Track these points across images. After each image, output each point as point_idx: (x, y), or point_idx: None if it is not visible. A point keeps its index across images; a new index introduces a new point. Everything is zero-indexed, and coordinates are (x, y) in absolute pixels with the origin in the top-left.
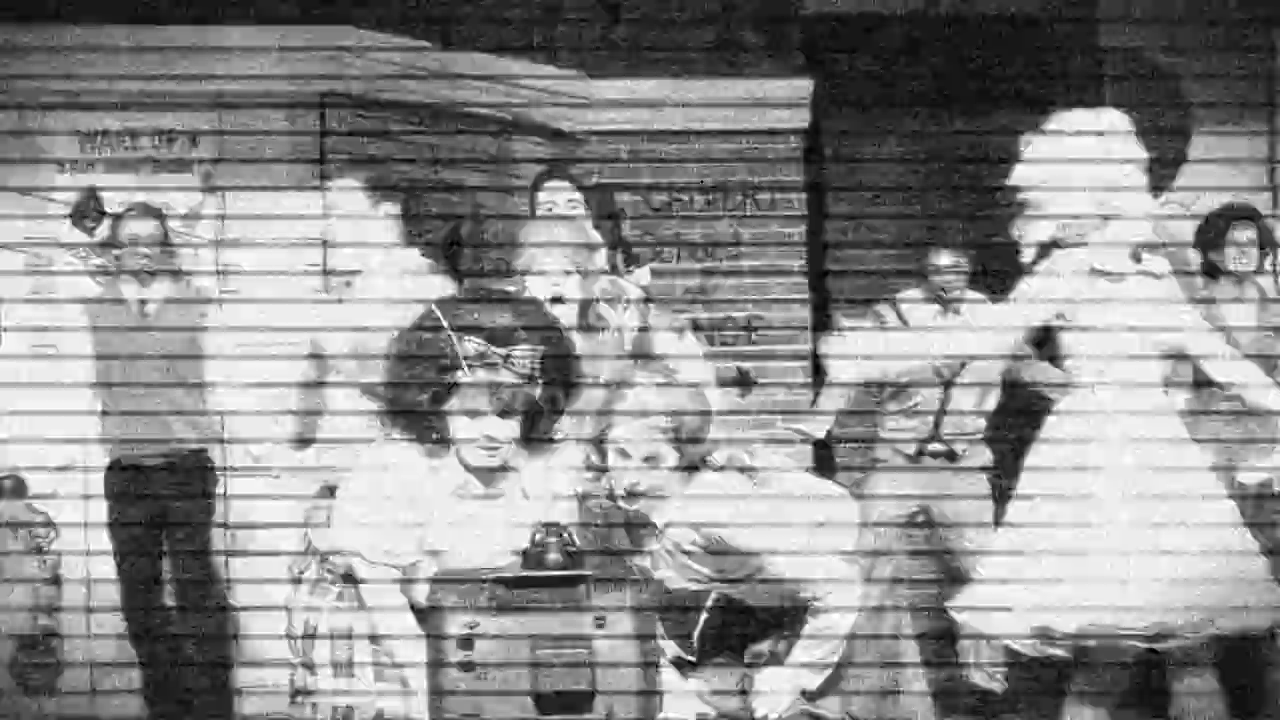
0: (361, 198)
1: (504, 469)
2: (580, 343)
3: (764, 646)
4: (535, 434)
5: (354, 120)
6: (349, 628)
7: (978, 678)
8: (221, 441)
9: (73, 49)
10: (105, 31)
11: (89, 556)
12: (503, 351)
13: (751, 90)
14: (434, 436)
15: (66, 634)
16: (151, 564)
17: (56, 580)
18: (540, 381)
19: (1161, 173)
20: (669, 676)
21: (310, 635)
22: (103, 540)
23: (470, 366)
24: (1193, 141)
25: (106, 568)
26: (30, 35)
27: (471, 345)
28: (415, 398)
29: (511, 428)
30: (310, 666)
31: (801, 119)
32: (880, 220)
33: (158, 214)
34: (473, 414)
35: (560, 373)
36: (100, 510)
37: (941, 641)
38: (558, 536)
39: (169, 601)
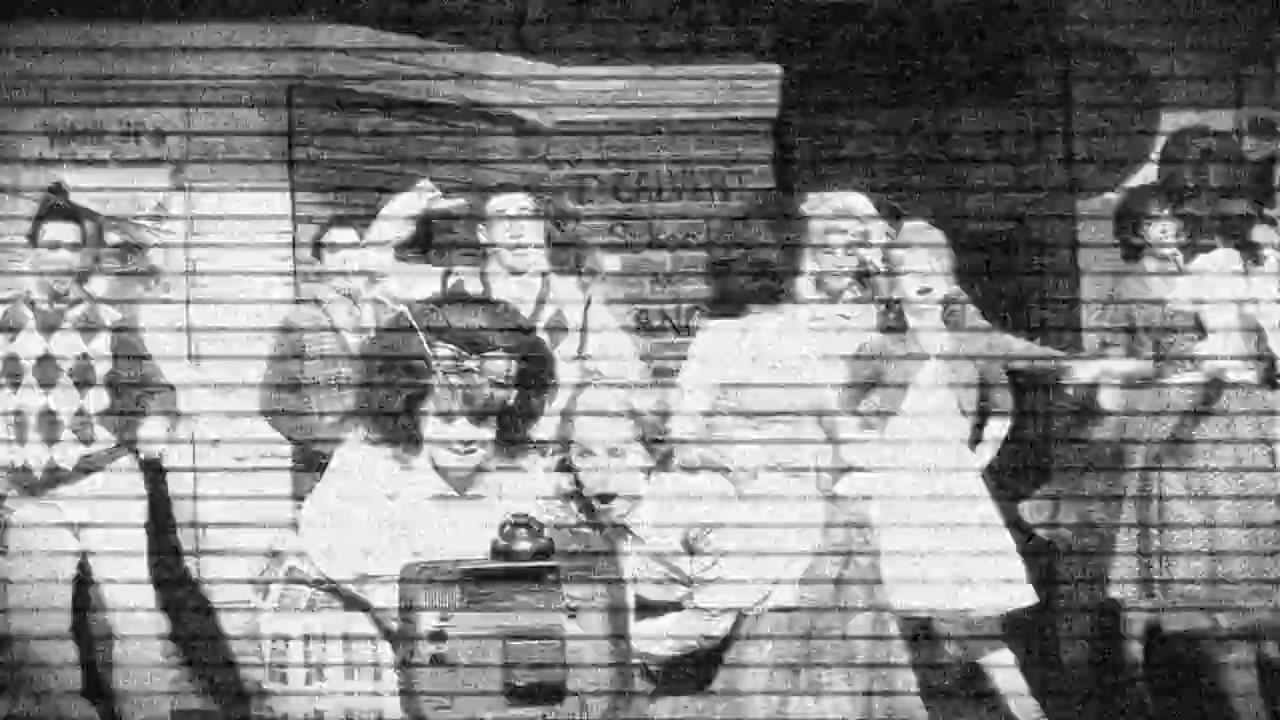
0: None
1: (479, 473)
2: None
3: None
4: (509, 437)
5: (321, 116)
6: (322, 630)
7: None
8: (191, 442)
9: (39, 46)
10: (72, 27)
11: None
12: (477, 357)
13: (720, 78)
14: (406, 439)
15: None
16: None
17: None
18: (514, 386)
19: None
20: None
21: (282, 638)
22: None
23: (444, 370)
24: (1162, 122)
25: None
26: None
27: (445, 350)
28: (388, 400)
29: (485, 432)
30: (282, 669)
31: (770, 108)
32: None
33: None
34: (446, 417)
35: (534, 377)
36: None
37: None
38: (526, 528)
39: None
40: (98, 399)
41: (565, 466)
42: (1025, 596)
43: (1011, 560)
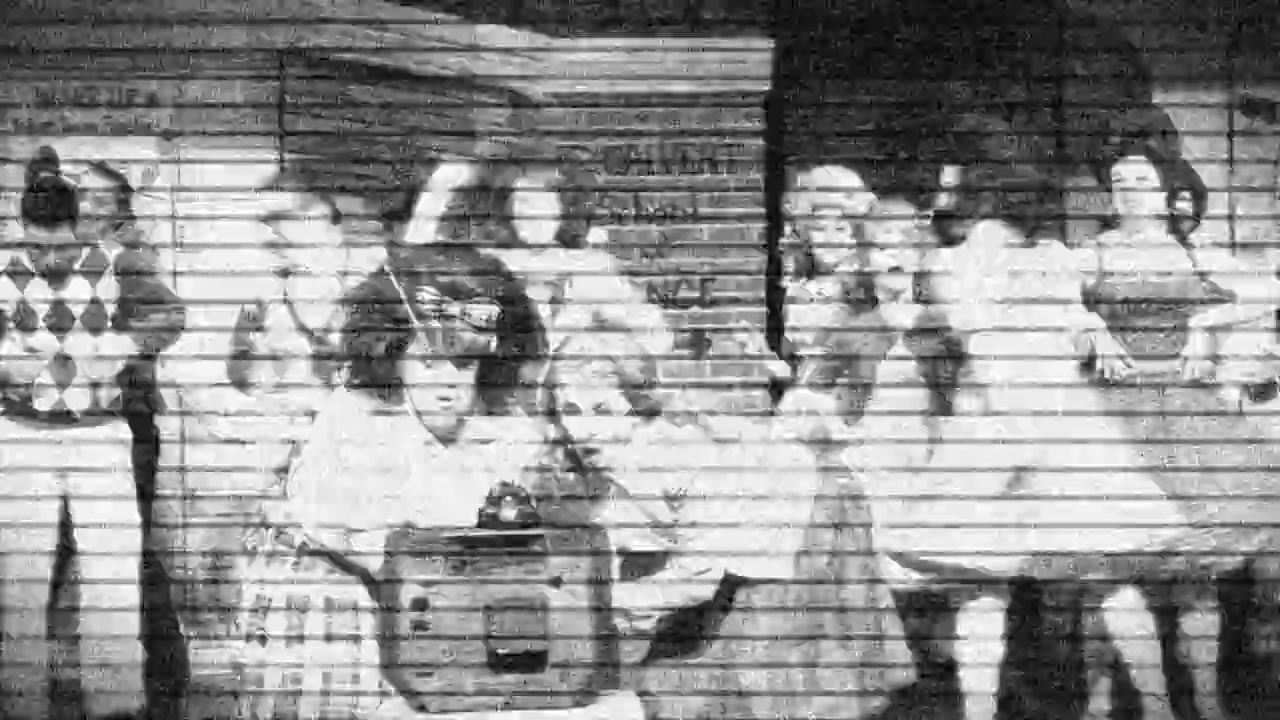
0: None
1: (463, 425)
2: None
3: None
4: (493, 387)
5: (312, 83)
6: (305, 597)
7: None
8: (182, 414)
9: (30, 14)
10: None
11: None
12: (459, 302)
13: (713, 56)
14: (389, 386)
15: None
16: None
17: None
18: (496, 332)
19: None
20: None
21: (263, 608)
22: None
23: (425, 317)
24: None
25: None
26: None
27: (427, 294)
28: (370, 347)
29: (467, 377)
30: (262, 638)
31: (763, 81)
32: None
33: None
34: (429, 363)
35: (518, 325)
36: None
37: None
38: (513, 495)
39: None
40: (112, 343)
41: (552, 414)
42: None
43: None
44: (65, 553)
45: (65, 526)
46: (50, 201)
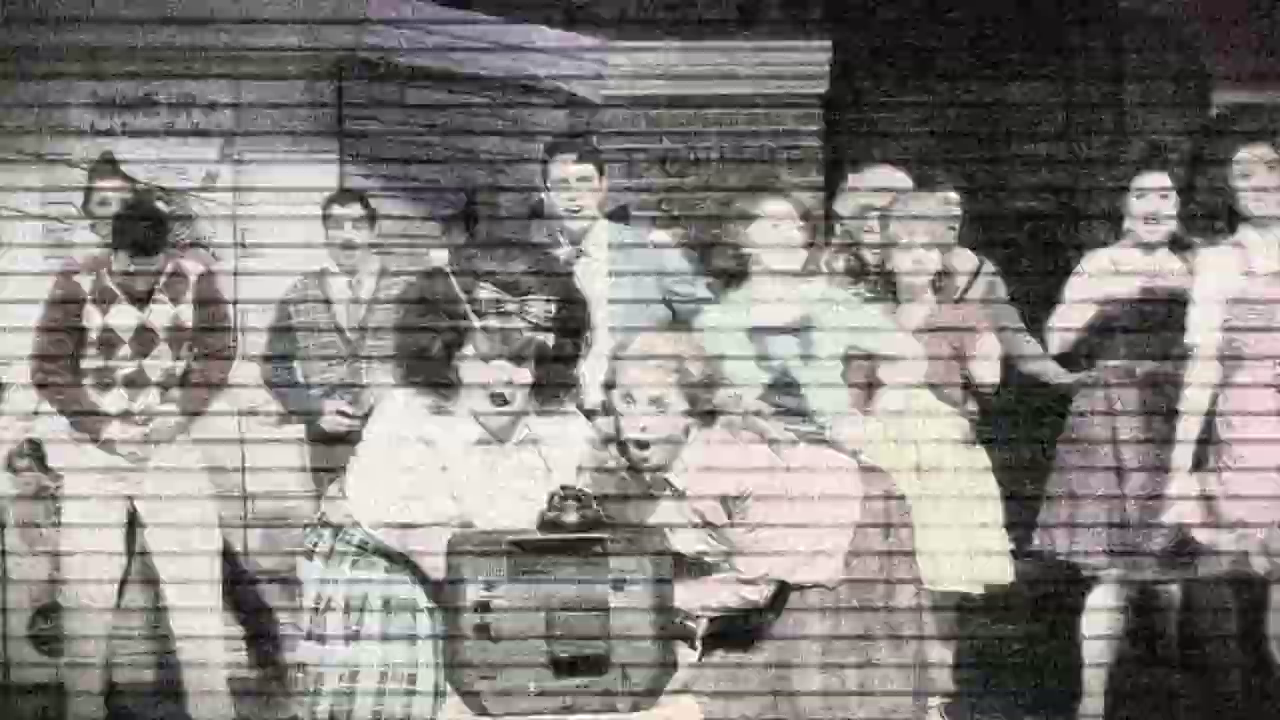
0: None
1: (519, 424)
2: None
3: None
4: (549, 384)
5: (371, 88)
6: (364, 597)
7: None
8: (238, 414)
9: (89, 14)
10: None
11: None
12: (517, 299)
13: (770, 57)
14: (446, 385)
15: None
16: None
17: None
18: (554, 331)
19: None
20: None
21: (325, 608)
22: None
23: (483, 313)
24: (1214, 101)
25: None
26: (48, 4)
27: (485, 292)
28: (427, 345)
29: (525, 375)
30: (322, 638)
31: (820, 86)
32: None
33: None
34: (485, 361)
35: (574, 323)
36: None
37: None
38: (575, 500)
39: None
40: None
41: (607, 410)
42: (1002, 573)
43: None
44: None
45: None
46: (143, 230)
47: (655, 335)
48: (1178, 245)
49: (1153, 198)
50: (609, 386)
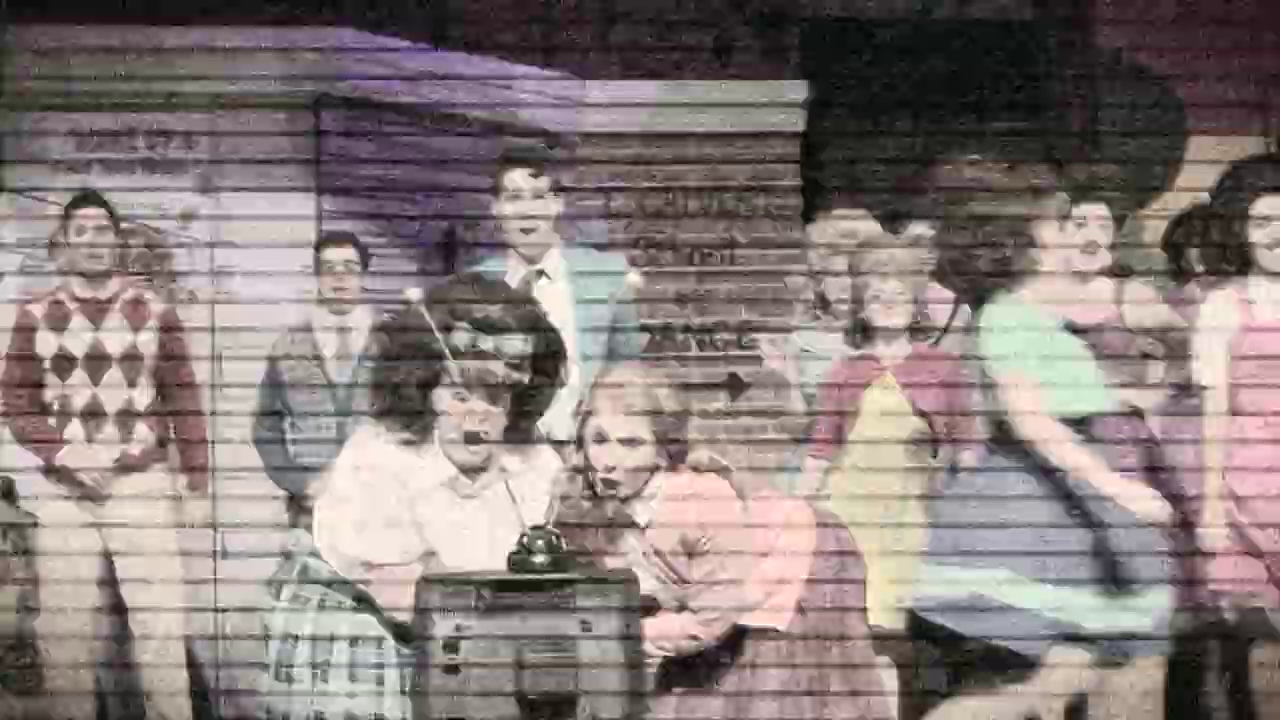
0: None
1: (491, 464)
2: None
3: None
4: (523, 425)
5: (348, 121)
6: (331, 634)
7: None
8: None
9: (68, 49)
10: (99, 32)
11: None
12: (492, 340)
13: (747, 93)
14: (419, 424)
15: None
16: None
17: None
18: (530, 370)
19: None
20: None
21: (292, 637)
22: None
23: (458, 352)
24: (1189, 143)
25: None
26: (26, 34)
27: (461, 333)
28: (401, 385)
29: (499, 417)
30: (289, 672)
31: (797, 122)
32: None
33: (104, 202)
34: (460, 400)
35: (549, 363)
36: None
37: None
38: (545, 539)
39: None
40: (143, 396)
41: (578, 444)
42: None
43: None
44: (113, 610)
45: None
46: (96, 254)
47: (629, 371)
48: (1114, 274)
49: (1092, 227)
50: (581, 421)
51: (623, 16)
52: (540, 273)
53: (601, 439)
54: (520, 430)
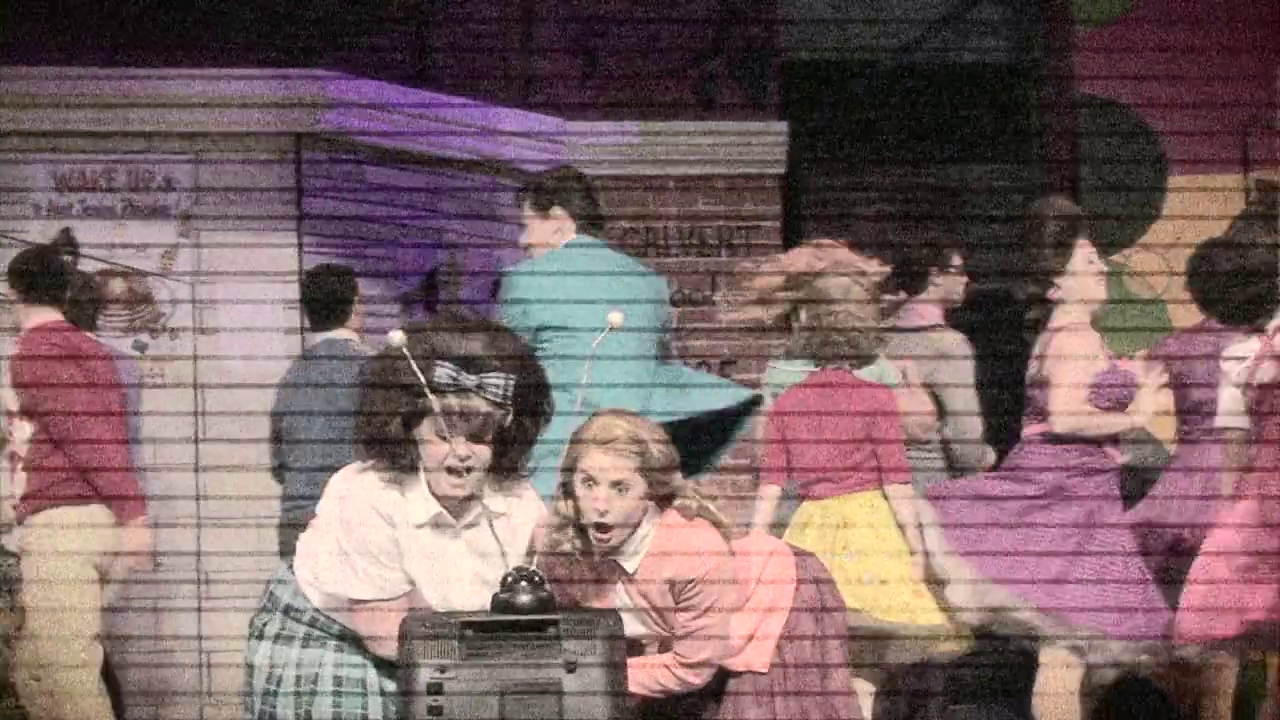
0: None
1: (475, 501)
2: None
3: None
4: (506, 463)
5: (329, 164)
6: (315, 678)
7: None
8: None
9: (49, 94)
10: (81, 77)
11: None
12: (474, 378)
13: (728, 135)
14: (403, 464)
15: None
16: None
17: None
18: (512, 409)
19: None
20: None
21: (275, 690)
22: None
23: (441, 392)
24: (1170, 186)
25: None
26: (6, 80)
27: (443, 371)
28: (384, 425)
29: (483, 454)
30: (273, 717)
31: (778, 164)
32: None
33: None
34: (443, 439)
35: (532, 401)
36: None
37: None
38: (529, 581)
39: None
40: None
41: (567, 492)
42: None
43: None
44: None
45: None
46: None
47: (616, 418)
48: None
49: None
50: (568, 469)
51: (604, 57)
52: None
53: (591, 483)
54: (505, 469)
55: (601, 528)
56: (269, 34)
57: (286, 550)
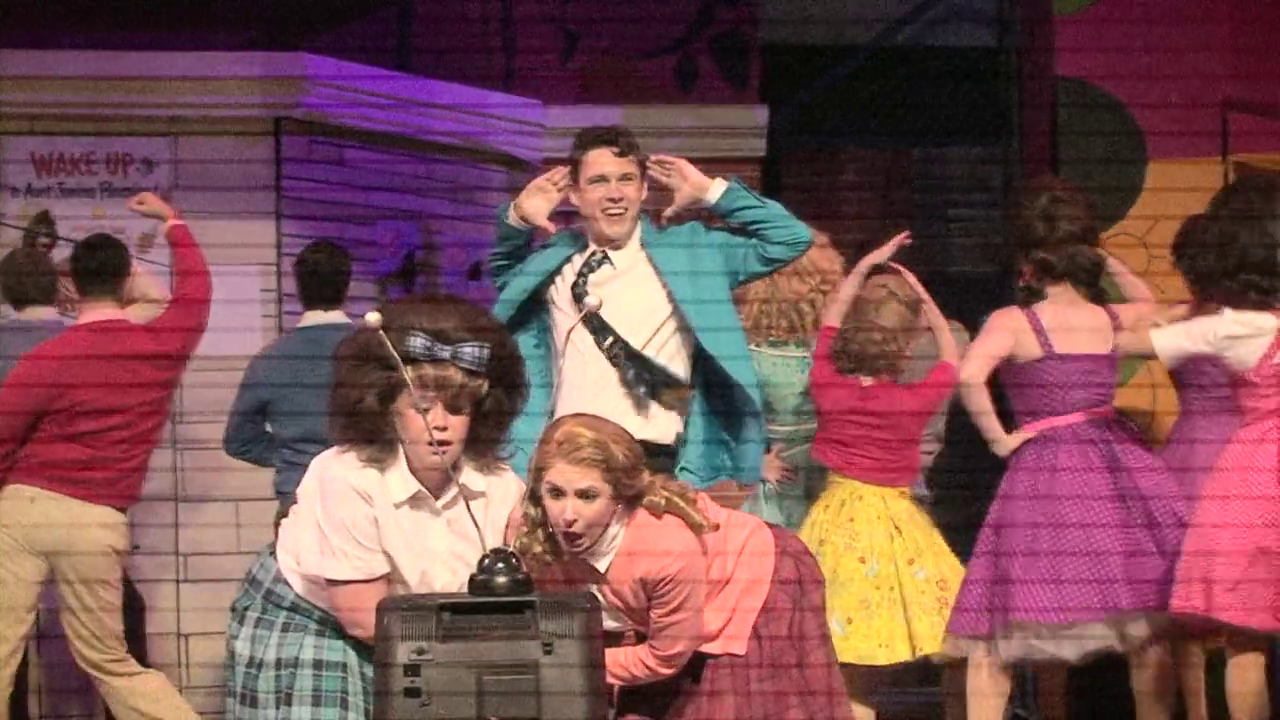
0: None
1: (453, 479)
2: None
3: None
4: (484, 434)
5: (309, 147)
6: (295, 659)
7: None
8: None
9: (28, 75)
10: (61, 57)
11: None
12: (449, 348)
13: (709, 118)
14: (381, 440)
15: None
16: None
17: None
18: (487, 381)
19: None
20: None
21: (254, 669)
22: None
23: (416, 361)
24: (1149, 170)
25: None
26: None
27: (417, 341)
28: (359, 399)
29: (459, 426)
30: (253, 698)
31: (758, 148)
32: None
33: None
34: (421, 410)
35: (508, 372)
36: None
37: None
38: (505, 562)
39: None
40: None
41: (535, 498)
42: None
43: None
44: None
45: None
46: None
47: (580, 426)
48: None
49: None
50: (535, 477)
51: (584, 42)
52: (604, 257)
53: (558, 493)
54: (483, 441)
55: (570, 536)
56: (251, 16)
57: None
